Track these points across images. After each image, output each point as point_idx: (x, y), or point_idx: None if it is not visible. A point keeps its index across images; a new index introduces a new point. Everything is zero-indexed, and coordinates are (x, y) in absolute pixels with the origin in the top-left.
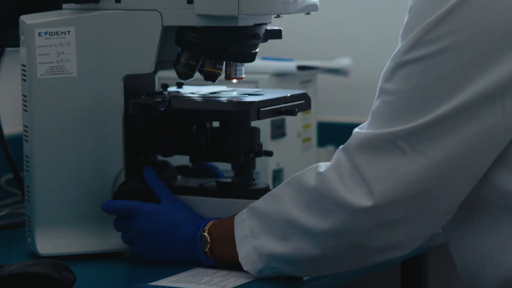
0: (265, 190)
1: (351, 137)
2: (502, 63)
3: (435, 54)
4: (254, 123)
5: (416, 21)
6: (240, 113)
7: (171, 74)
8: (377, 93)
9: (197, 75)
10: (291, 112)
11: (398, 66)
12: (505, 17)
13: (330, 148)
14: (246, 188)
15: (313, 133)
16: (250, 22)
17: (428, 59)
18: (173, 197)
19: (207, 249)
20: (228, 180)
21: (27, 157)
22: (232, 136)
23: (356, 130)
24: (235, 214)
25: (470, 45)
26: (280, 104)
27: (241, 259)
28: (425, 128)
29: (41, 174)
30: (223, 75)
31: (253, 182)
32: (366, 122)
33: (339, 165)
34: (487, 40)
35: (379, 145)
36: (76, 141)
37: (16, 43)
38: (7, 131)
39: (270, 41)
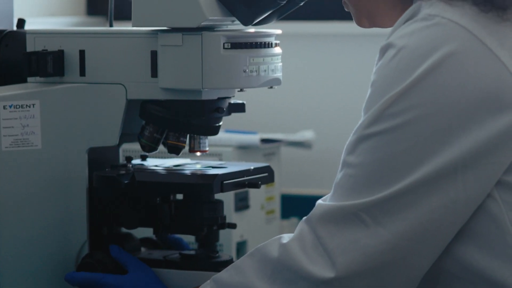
0: (229, 262)
1: (314, 208)
2: (463, 137)
3: (396, 128)
4: (217, 196)
5: (378, 95)
6: (204, 185)
7: (135, 146)
8: (340, 166)
9: (161, 147)
10: (255, 184)
11: (361, 139)
12: (465, 91)
13: (293, 220)
14: (210, 260)
15: (276, 206)
16: (214, 96)
17: (390, 133)
18: (142, 266)
19: None
20: (192, 252)
21: None
22: (196, 209)
23: (319, 201)
24: (199, 286)
25: (431, 119)
26: (244, 177)
27: None
28: (387, 201)
29: (5, 245)
30: (187, 148)
31: (217, 254)
32: (329, 194)
33: (302, 236)
34: (448, 114)
35: (341, 217)
36: (40, 213)
37: None
38: None
39: (233, 114)
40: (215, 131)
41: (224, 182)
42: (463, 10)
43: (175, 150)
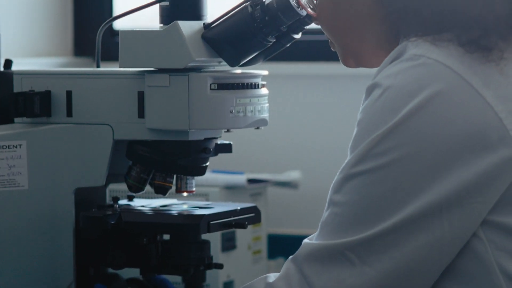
0: None
1: (300, 247)
2: (448, 176)
3: (382, 167)
4: (204, 236)
5: (364, 134)
6: (190, 226)
7: (122, 187)
8: (326, 205)
9: (148, 188)
10: (241, 225)
11: (347, 178)
12: (450, 131)
13: (280, 260)
14: None
15: (263, 246)
16: (201, 136)
17: (375, 172)
18: None
19: None
20: None
21: None
22: (183, 249)
23: (305, 240)
24: None
25: (417, 158)
26: (230, 217)
27: None
28: (373, 240)
29: None
30: (173, 188)
31: None
32: (316, 233)
33: (289, 275)
34: (433, 153)
35: (327, 256)
36: (27, 253)
37: None
38: None
39: (220, 155)
40: (202, 171)
41: (211, 222)
42: (448, 51)
43: (161, 191)
